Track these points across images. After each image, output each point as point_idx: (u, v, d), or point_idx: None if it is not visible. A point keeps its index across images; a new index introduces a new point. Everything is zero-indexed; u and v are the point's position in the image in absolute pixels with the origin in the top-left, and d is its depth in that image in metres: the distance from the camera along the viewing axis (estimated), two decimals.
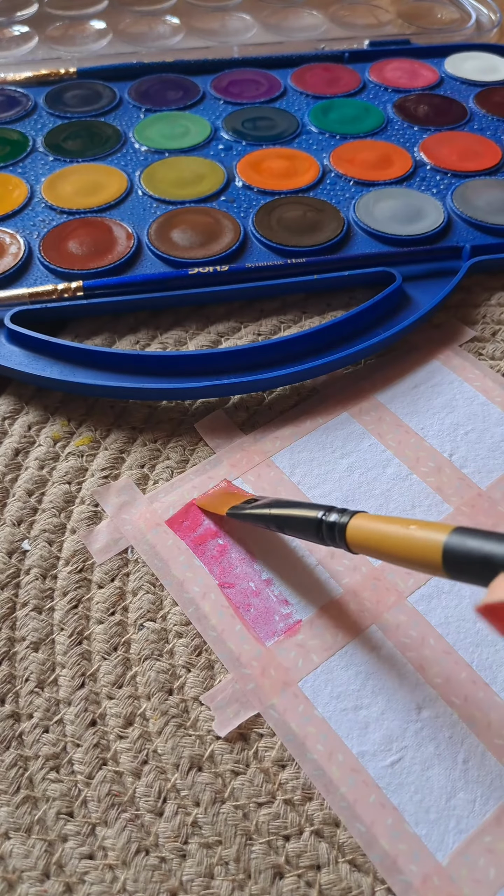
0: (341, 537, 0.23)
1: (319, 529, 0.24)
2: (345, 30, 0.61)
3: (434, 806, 0.22)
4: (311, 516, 0.24)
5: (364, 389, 0.34)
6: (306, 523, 0.24)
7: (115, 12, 0.61)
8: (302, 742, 0.24)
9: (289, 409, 0.34)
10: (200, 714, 0.25)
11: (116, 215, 0.41)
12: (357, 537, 0.22)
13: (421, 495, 0.30)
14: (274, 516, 0.26)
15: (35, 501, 0.30)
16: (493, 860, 0.21)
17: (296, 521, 0.25)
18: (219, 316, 0.38)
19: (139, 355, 0.33)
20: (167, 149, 0.46)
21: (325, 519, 0.24)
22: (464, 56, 0.57)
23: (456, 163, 0.45)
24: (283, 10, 0.63)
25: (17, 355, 0.34)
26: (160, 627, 0.27)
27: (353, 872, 0.22)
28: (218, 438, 0.32)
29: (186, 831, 0.22)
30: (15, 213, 0.41)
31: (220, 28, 0.60)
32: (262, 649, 0.26)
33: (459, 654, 0.26)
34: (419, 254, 0.39)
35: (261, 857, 0.22)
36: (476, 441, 0.32)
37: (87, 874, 0.22)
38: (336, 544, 0.23)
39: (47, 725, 0.24)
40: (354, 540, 0.23)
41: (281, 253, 0.39)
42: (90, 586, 0.28)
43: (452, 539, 0.19)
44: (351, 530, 0.23)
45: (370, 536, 0.22)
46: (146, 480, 0.31)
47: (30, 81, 0.52)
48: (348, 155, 0.46)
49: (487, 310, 0.38)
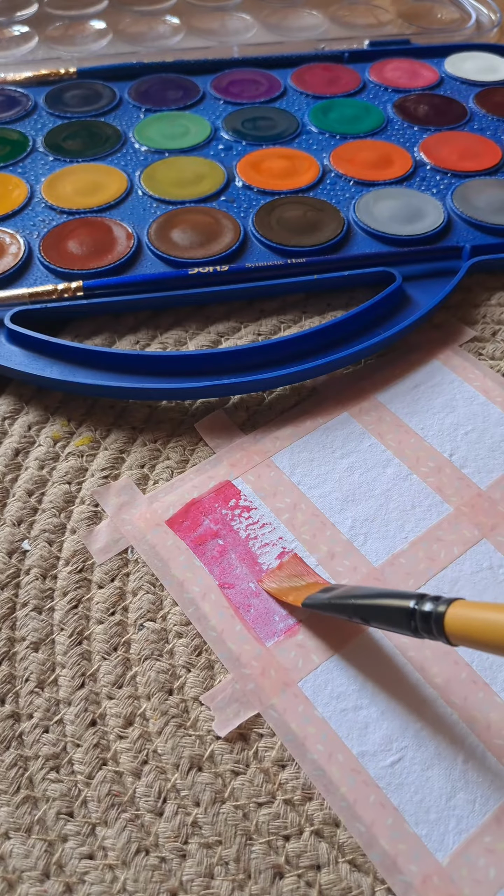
0: (439, 629, 0.21)
1: (412, 621, 0.22)
2: (345, 30, 0.61)
3: (434, 806, 0.22)
4: (403, 606, 0.22)
5: (364, 389, 0.34)
6: (397, 614, 0.22)
7: (115, 12, 0.61)
8: (302, 742, 0.24)
9: (289, 409, 0.34)
10: (200, 714, 0.25)
11: (116, 215, 0.41)
12: (458, 629, 0.20)
13: (421, 495, 0.30)
14: (358, 606, 0.24)
15: (35, 501, 0.30)
16: (493, 860, 0.21)
17: (385, 611, 0.23)
18: (219, 316, 0.38)
19: (139, 355, 0.33)
20: (167, 149, 0.46)
21: (419, 608, 0.21)
22: (464, 56, 0.57)
23: (456, 163, 0.45)
24: (283, 10, 0.63)
25: (17, 355, 0.34)
26: (160, 627, 0.27)
27: (353, 872, 0.22)
28: (218, 438, 0.32)
29: (186, 831, 0.22)
30: (15, 213, 0.41)
31: (220, 28, 0.60)
32: (262, 649, 0.26)
33: (459, 654, 0.26)
34: (419, 254, 0.39)
35: (261, 857, 0.22)
36: (476, 441, 0.32)
37: (87, 874, 0.22)
38: (433, 637, 0.21)
39: (47, 725, 0.24)
40: (455, 632, 0.20)
41: (281, 253, 0.39)
42: (90, 586, 0.28)
43: None
44: (450, 621, 0.21)
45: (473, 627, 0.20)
46: (146, 480, 0.31)
47: (30, 81, 0.52)
48: (348, 155, 0.46)
49: (487, 310, 0.38)
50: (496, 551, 0.28)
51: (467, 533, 0.29)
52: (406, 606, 0.22)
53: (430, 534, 0.29)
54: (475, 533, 0.29)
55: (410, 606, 0.22)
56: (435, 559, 0.28)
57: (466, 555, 0.28)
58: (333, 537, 0.29)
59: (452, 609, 0.21)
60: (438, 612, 0.21)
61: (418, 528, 0.29)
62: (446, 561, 0.28)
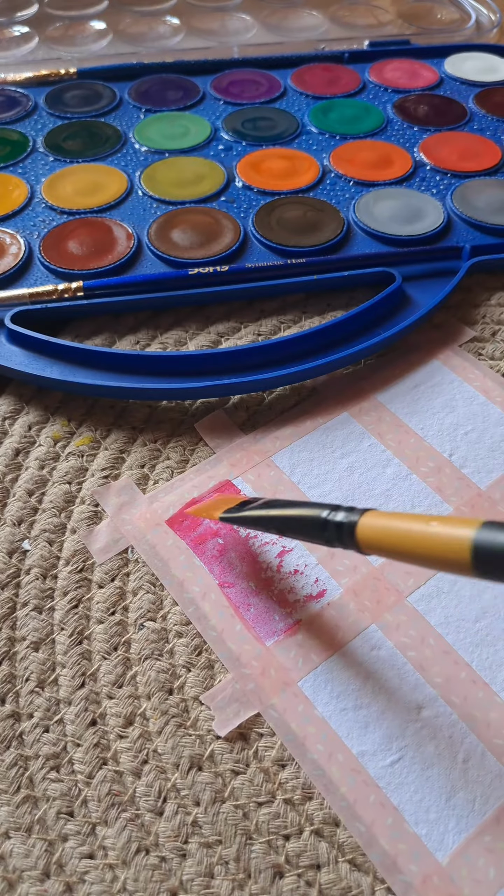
0: (350, 538, 0.21)
1: (325, 529, 0.22)
2: (345, 30, 0.61)
3: (434, 806, 0.22)
4: (315, 515, 0.22)
5: (364, 389, 0.34)
6: (310, 523, 0.22)
7: (115, 12, 0.61)
8: (302, 742, 0.24)
9: (289, 409, 0.34)
10: (200, 714, 0.25)
11: (116, 215, 0.41)
12: (369, 536, 0.20)
13: (421, 495, 0.30)
14: (272, 518, 0.24)
15: (35, 501, 0.30)
16: (493, 860, 0.21)
17: (298, 521, 0.23)
18: (219, 316, 0.38)
19: (139, 355, 0.33)
20: (167, 149, 0.46)
21: (331, 518, 0.22)
22: (464, 56, 0.57)
23: (456, 163, 0.45)
24: (283, 10, 0.63)
25: (18, 355, 0.34)
26: (160, 627, 0.27)
27: (352, 872, 0.22)
28: (218, 438, 0.32)
29: (186, 831, 0.22)
30: (15, 214, 0.41)
31: (220, 28, 0.60)
32: (262, 649, 0.26)
33: (459, 653, 0.26)
34: (419, 254, 0.39)
35: (261, 857, 0.22)
36: (476, 441, 0.32)
37: (87, 874, 0.22)
38: (344, 545, 0.21)
39: (47, 725, 0.24)
40: (367, 540, 0.20)
41: (281, 253, 0.39)
42: (90, 586, 0.28)
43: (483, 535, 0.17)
44: (362, 529, 0.21)
45: (385, 535, 0.20)
46: (146, 480, 0.31)
47: (30, 82, 0.52)
48: (348, 155, 0.46)
49: (487, 310, 0.38)
50: None
51: None
52: (318, 516, 0.22)
53: None
54: None
55: (323, 516, 0.22)
56: None
57: None
58: None
59: (365, 519, 0.21)
60: (350, 521, 0.21)
61: None
62: None
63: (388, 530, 0.20)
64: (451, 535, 0.18)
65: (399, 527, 0.20)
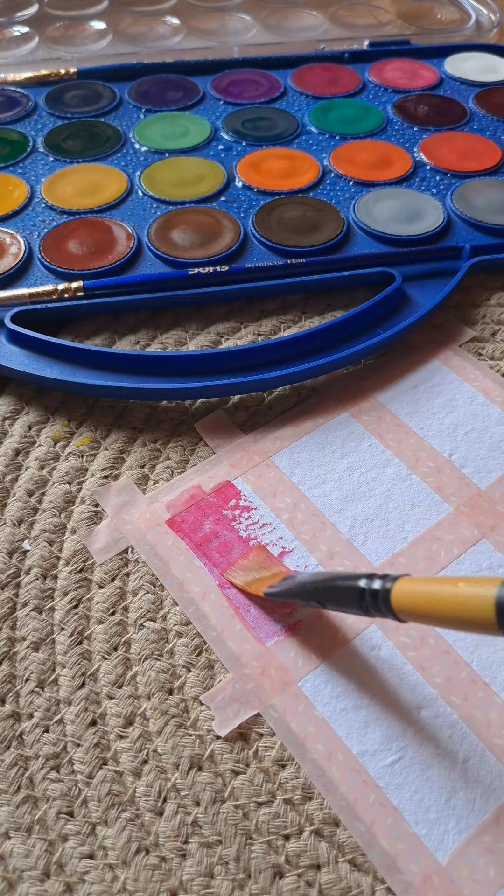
0: (386, 606, 0.21)
1: (363, 600, 0.22)
2: (345, 30, 0.61)
3: (434, 806, 0.22)
4: (353, 586, 0.22)
5: (364, 389, 0.34)
6: (349, 594, 0.22)
7: (115, 12, 0.61)
8: (302, 742, 0.24)
9: (289, 409, 0.34)
10: (200, 714, 0.25)
11: (116, 215, 0.41)
12: (403, 603, 0.21)
13: (421, 495, 0.30)
14: (314, 590, 0.24)
15: (35, 501, 0.30)
16: (493, 860, 0.21)
17: (337, 592, 0.23)
18: (219, 316, 0.38)
19: (139, 355, 0.33)
20: (167, 149, 0.46)
21: (368, 587, 0.22)
22: (463, 56, 0.57)
23: (456, 163, 0.45)
24: (283, 10, 0.63)
25: (18, 355, 0.34)
26: (160, 627, 0.27)
27: (352, 872, 0.22)
28: (218, 438, 0.32)
29: (186, 831, 0.22)
30: (15, 214, 0.41)
31: (220, 28, 0.60)
32: (262, 649, 0.26)
33: (459, 653, 0.26)
34: (419, 254, 0.39)
35: (261, 857, 0.22)
36: (476, 441, 0.32)
37: (87, 874, 0.22)
38: (382, 614, 0.22)
39: (48, 725, 0.24)
40: (401, 607, 0.21)
41: (281, 253, 0.39)
42: (90, 586, 0.28)
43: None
44: (396, 596, 0.21)
45: (417, 601, 0.20)
46: (146, 480, 0.31)
47: (30, 82, 0.52)
48: (348, 155, 0.46)
49: (487, 310, 0.38)
50: (496, 551, 0.28)
51: (467, 533, 0.29)
52: (356, 586, 0.22)
53: (430, 534, 0.29)
54: (475, 533, 0.29)
55: (361, 586, 0.22)
56: (434, 559, 0.28)
57: (466, 555, 0.28)
58: (333, 537, 0.29)
59: (398, 585, 0.21)
60: (385, 588, 0.21)
61: (418, 527, 0.29)
62: (446, 561, 0.28)
63: (419, 595, 0.20)
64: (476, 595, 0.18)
65: (429, 591, 0.20)
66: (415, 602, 0.20)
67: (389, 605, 0.21)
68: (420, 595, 0.20)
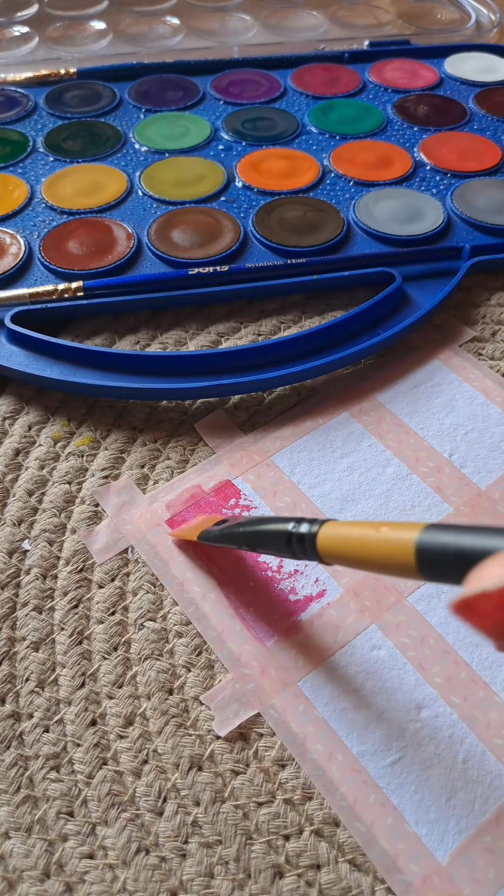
0: (312, 548, 0.21)
1: (290, 543, 0.22)
2: (345, 30, 0.61)
3: (434, 806, 0.22)
4: (281, 529, 0.23)
5: (364, 389, 0.34)
6: (277, 538, 0.23)
7: (115, 12, 0.61)
8: (302, 742, 0.24)
9: (289, 409, 0.34)
10: (200, 714, 0.25)
11: (116, 215, 0.41)
12: (328, 546, 0.21)
13: (421, 495, 0.30)
14: (244, 534, 0.24)
15: (35, 501, 0.30)
16: (493, 860, 0.21)
17: (266, 536, 0.24)
18: (219, 316, 0.38)
19: (139, 355, 0.33)
20: (167, 149, 0.46)
21: (296, 531, 0.22)
22: (463, 56, 0.57)
23: (456, 163, 0.45)
24: (283, 10, 0.63)
25: (18, 355, 0.34)
26: (160, 627, 0.27)
27: (352, 872, 0.22)
28: (218, 438, 0.32)
29: (186, 831, 0.22)
30: (15, 214, 0.41)
31: (220, 28, 0.60)
32: (262, 649, 0.26)
33: (459, 653, 0.26)
34: (419, 254, 0.39)
35: (261, 857, 0.22)
36: (476, 441, 0.32)
37: (87, 874, 0.22)
38: (308, 557, 0.22)
39: (47, 725, 0.24)
40: (326, 549, 0.21)
41: (281, 253, 0.39)
42: (90, 586, 0.28)
43: (425, 536, 0.17)
44: (321, 539, 0.21)
45: (341, 544, 0.20)
46: (146, 480, 0.31)
47: (30, 82, 0.52)
48: (348, 155, 0.46)
49: (487, 310, 0.38)
50: None
51: None
52: (284, 530, 0.23)
53: None
54: None
55: (288, 529, 0.22)
56: None
57: None
58: None
59: (324, 529, 0.21)
60: (312, 532, 0.22)
61: None
62: None
63: (343, 538, 0.20)
64: (398, 539, 0.18)
65: (352, 534, 0.20)
66: (339, 545, 0.21)
67: (315, 548, 0.21)
68: (344, 538, 0.20)
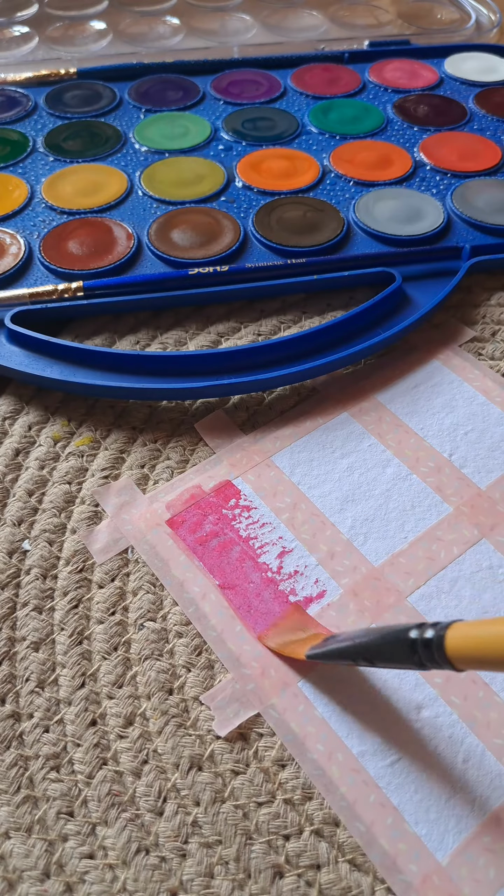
0: (441, 654, 0.19)
1: (415, 653, 0.20)
2: (345, 30, 0.61)
3: (434, 806, 0.22)
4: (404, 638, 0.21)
5: (364, 389, 0.34)
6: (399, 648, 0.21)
7: (115, 12, 0.61)
8: (302, 742, 0.24)
9: (289, 409, 0.34)
10: (200, 714, 0.25)
11: (116, 215, 0.41)
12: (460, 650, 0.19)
13: (421, 495, 0.30)
14: (361, 648, 0.22)
15: (35, 501, 0.30)
16: (493, 860, 0.21)
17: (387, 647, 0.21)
18: (219, 316, 0.38)
19: (139, 355, 0.33)
20: (167, 149, 0.46)
21: (420, 637, 0.20)
22: (463, 56, 0.57)
23: (456, 163, 0.45)
24: (283, 10, 0.63)
25: (18, 355, 0.34)
26: (160, 627, 0.27)
27: (352, 872, 0.22)
28: (218, 438, 0.32)
29: (186, 831, 0.22)
30: (15, 214, 0.41)
31: (220, 28, 0.60)
32: (262, 649, 0.26)
33: None
34: (419, 254, 0.39)
35: (261, 857, 0.22)
36: (476, 441, 0.32)
37: (87, 874, 0.22)
38: (438, 665, 0.20)
39: (48, 725, 0.24)
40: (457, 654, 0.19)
41: (281, 253, 0.39)
42: (90, 586, 0.28)
43: None
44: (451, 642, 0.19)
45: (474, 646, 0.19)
46: (146, 480, 0.31)
47: (30, 82, 0.52)
48: (348, 155, 0.46)
49: (487, 310, 0.38)
50: (495, 551, 0.28)
51: (467, 533, 0.29)
52: (407, 637, 0.21)
53: (430, 533, 0.29)
54: (475, 533, 0.29)
55: (411, 637, 0.20)
56: (434, 559, 0.28)
57: (466, 554, 0.28)
58: (333, 537, 0.29)
59: (452, 631, 0.19)
60: (439, 636, 0.20)
61: (418, 527, 0.29)
62: (446, 561, 0.28)
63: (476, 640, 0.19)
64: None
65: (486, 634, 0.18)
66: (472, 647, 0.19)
67: (444, 654, 0.19)
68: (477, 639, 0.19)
